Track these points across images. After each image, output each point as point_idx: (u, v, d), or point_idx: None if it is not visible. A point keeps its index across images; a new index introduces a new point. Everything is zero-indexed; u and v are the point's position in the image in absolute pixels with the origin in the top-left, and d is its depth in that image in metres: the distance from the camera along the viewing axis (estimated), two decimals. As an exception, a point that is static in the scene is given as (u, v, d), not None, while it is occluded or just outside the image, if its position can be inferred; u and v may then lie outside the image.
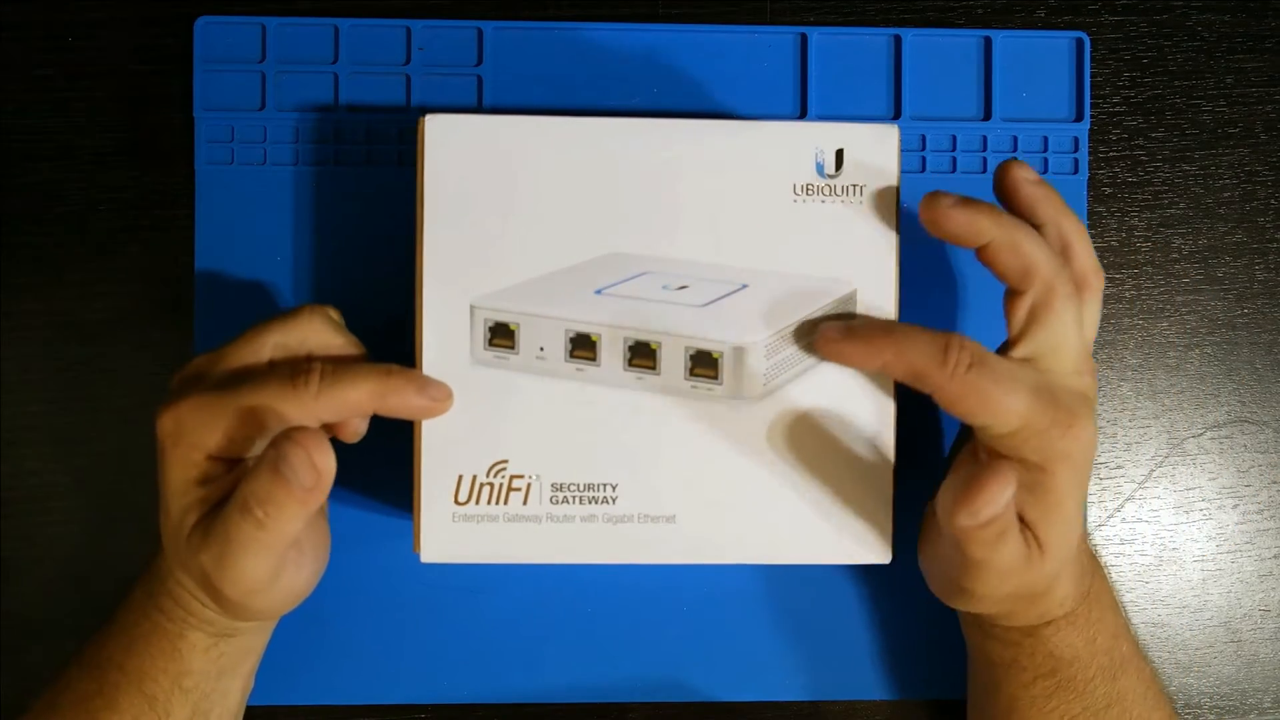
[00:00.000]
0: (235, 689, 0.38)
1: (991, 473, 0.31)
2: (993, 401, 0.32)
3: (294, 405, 0.33)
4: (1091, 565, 0.38)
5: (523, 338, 0.37)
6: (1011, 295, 0.35)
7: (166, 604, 0.36)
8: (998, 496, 0.31)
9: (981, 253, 0.34)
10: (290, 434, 0.31)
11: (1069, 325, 0.34)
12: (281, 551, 0.33)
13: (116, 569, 0.43)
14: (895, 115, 0.44)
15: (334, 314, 0.37)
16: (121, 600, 0.38)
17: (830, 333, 0.35)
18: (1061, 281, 0.34)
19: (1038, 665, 0.37)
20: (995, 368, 0.33)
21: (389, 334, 0.39)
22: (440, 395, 0.36)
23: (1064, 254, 0.36)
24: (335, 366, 0.34)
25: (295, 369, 0.34)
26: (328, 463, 0.31)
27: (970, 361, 0.32)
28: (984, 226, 0.33)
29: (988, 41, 0.44)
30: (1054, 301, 0.34)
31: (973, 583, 0.34)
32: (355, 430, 0.37)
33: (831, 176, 0.37)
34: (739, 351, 0.36)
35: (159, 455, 0.34)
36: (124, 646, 0.36)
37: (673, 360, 0.36)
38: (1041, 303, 0.34)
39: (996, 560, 0.33)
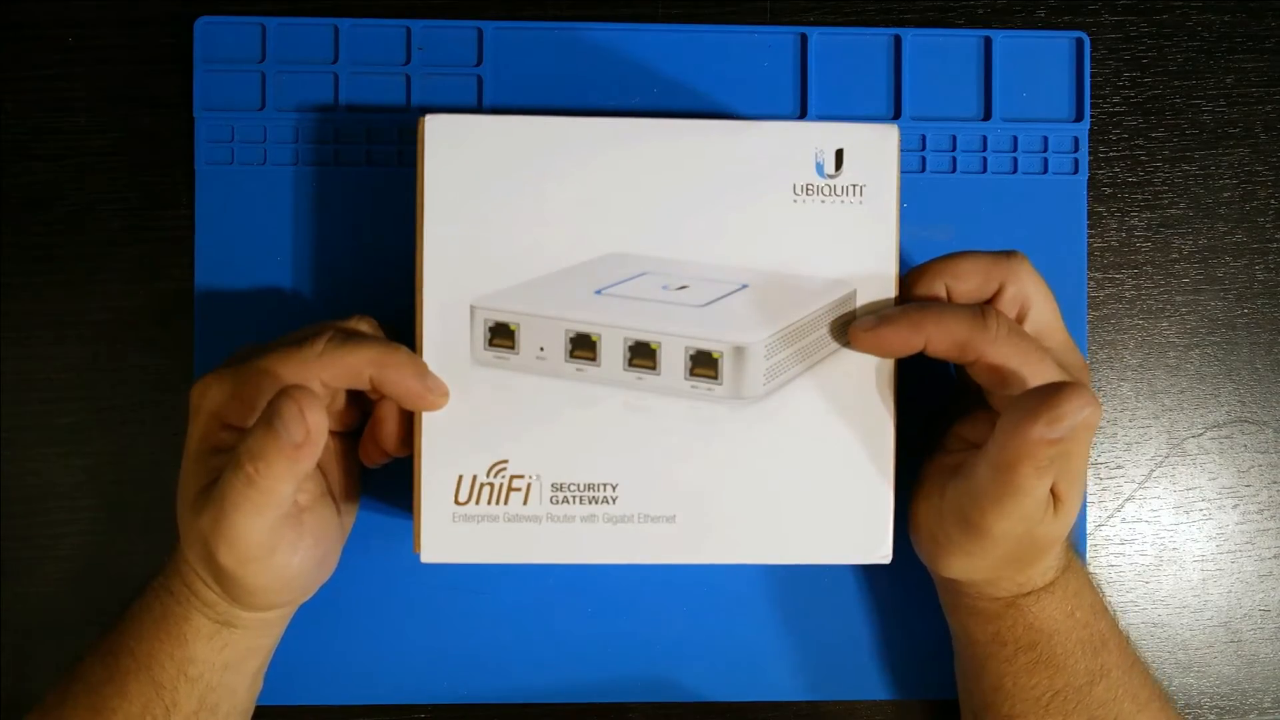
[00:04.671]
0: (242, 687, 0.38)
1: (1075, 386, 0.31)
2: (1032, 363, 0.34)
3: (296, 364, 0.34)
4: (1067, 544, 0.38)
5: (523, 338, 0.37)
6: (996, 298, 0.37)
7: (175, 585, 0.36)
8: (1082, 407, 0.31)
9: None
10: (285, 390, 0.31)
11: (1051, 308, 0.36)
12: (274, 516, 0.33)
13: (116, 569, 0.43)
14: (895, 115, 0.44)
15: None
16: (136, 593, 0.38)
17: (865, 323, 0.36)
18: (1021, 271, 0.36)
19: (1018, 638, 0.37)
20: (1027, 335, 0.35)
21: (389, 334, 0.39)
22: (437, 389, 0.36)
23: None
24: (345, 336, 0.35)
25: (307, 333, 0.35)
26: (318, 420, 0.31)
27: (1009, 327, 0.34)
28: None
29: (988, 41, 0.44)
30: (1030, 290, 0.36)
31: (995, 519, 0.34)
32: (390, 442, 0.37)
33: (831, 176, 0.37)
34: (739, 351, 0.36)
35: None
36: (134, 633, 0.37)
37: (673, 360, 0.36)
38: (1023, 293, 0.36)
39: (1036, 491, 0.33)
